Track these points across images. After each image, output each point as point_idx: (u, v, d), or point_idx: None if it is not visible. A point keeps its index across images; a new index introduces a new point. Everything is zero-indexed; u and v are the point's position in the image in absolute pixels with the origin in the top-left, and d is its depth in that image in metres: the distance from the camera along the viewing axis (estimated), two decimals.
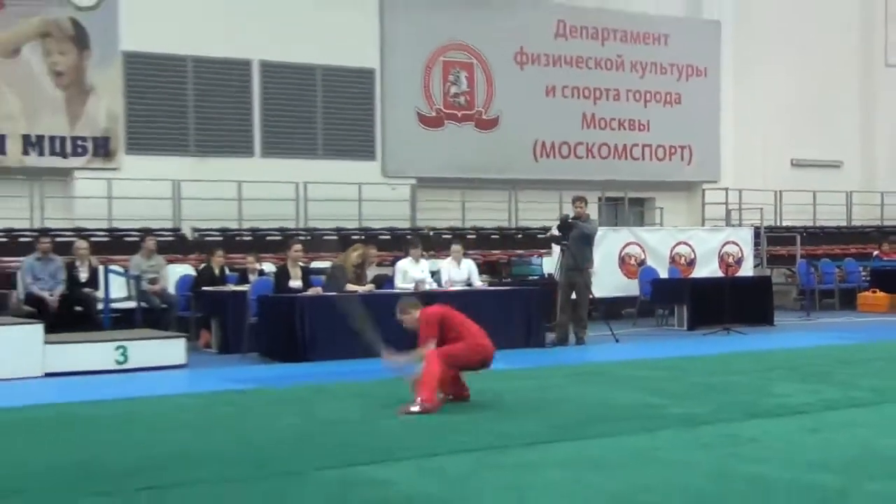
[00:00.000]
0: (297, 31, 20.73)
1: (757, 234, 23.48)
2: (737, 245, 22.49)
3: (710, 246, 22.27)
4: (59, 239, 17.08)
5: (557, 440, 8.95)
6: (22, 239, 17.37)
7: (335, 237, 19.89)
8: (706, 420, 9.75)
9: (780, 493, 7.04)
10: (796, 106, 26.76)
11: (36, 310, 15.40)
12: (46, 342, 13.45)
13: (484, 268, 19.03)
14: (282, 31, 20.62)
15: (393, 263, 17.46)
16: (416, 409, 9.94)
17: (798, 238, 24.40)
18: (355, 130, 21.59)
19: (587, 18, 24.02)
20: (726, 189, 25.37)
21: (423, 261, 17.27)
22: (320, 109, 21.26)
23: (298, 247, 16.94)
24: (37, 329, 13.62)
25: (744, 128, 25.98)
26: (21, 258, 16.26)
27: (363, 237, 19.25)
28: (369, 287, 16.15)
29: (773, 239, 24.20)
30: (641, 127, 24.73)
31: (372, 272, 16.61)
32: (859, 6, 28.33)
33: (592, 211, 19.15)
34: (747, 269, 22.41)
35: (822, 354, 15.49)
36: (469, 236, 20.70)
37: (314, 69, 21.14)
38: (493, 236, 21.96)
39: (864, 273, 24.35)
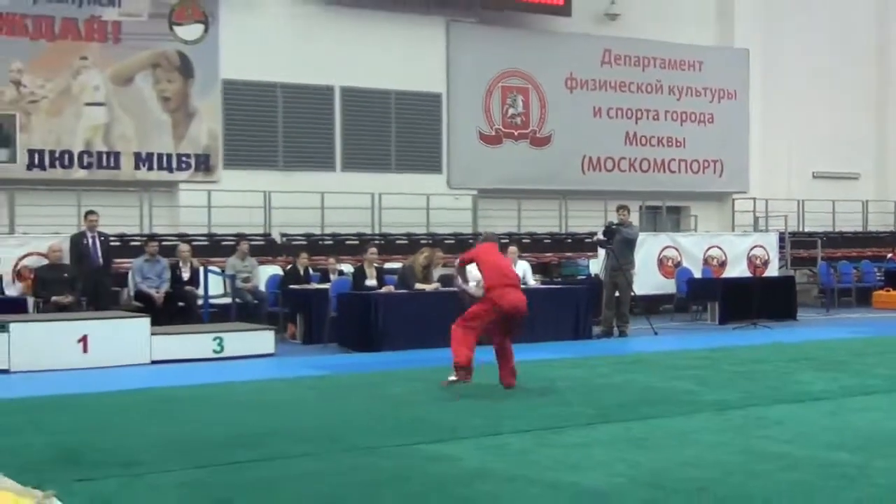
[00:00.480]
0: (373, 61, 20.81)
1: (782, 239, 23.27)
2: (763, 248, 22.32)
3: (739, 249, 22.13)
4: (164, 243, 17.27)
5: (605, 422, 8.93)
6: (133, 243, 17.52)
7: (406, 242, 19.94)
8: (736, 405, 9.68)
9: (802, 469, 6.98)
10: (817, 124, 26.50)
11: (144, 305, 15.58)
12: (153, 333, 13.65)
13: (537, 268, 18.99)
14: (360, 61, 20.71)
15: None
16: (452, 377, 10.43)
17: (819, 242, 24.14)
18: (424, 147, 21.62)
19: (630, 48, 23.90)
20: (754, 199, 25.15)
21: None
22: (393, 129, 21.30)
23: (374, 250, 17.04)
24: (144, 322, 13.81)
25: (770, 144, 25.75)
26: (132, 260, 16.45)
27: (430, 242, 19.23)
28: (435, 286, 16.17)
29: (796, 243, 23.96)
30: (678, 143, 24.58)
31: (438, 272, 16.60)
32: (876, 31, 28.01)
33: (634, 218, 19.04)
34: (773, 270, 22.22)
35: (840, 346, 15.34)
36: (524, 240, 20.64)
37: (388, 94, 21.20)
38: (545, 240, 21.89)
39: (878, 274, 24.07)
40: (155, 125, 18.94)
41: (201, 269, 16.51)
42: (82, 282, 15.65)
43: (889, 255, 25.04)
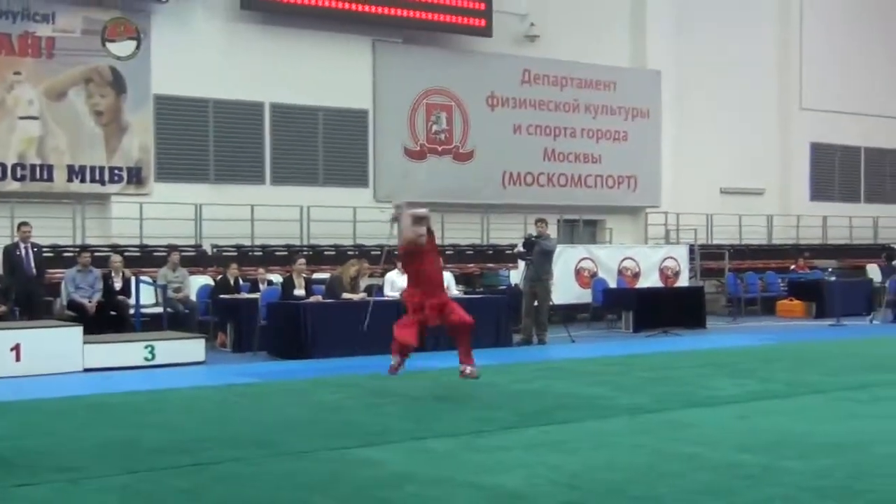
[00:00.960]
0: (302, 78, 20.75)
1: (692, 251, 23.55)
2: (675, 260, 22.57)
3: (652, 261, 22.35)
4: (97, 254, 17.08)
5: (525, 426, 9.00)
6: (65, 254, 17.32)
7: (333, 253, 19.92)
8: (649, 409, 9.80)
9: (711, 470, 7.10)
10: (725, 142, 26.90)
11: (76, 314, 15.38)
12: (85, 342, 13.51)
13: (460, 279, 19.05)
14: (289, 78, 20.64)
15: (383, 275, 17.45)
16: (472, 371, 10.78)
17: (726, 254, 24.46)
18: (351, 162, 21.59)
19: (548, 68, 24.08)
20: (666, 213, 25.43)
21: None
22: (321, 144, 21.25)
23: (302, 261, 17.04)
24: (77, 331, 13.68)
25: (680, 160, 26.06)
26: (65, 270, 16.24)
27: (357, 253, 19.23)
28: (362, 295, 16.17)
29: (705, 255, 24.27)
30: (594, 160, 24.79)
31: (364, 283, 16.61)
32: (777, 60, 28.51)
33: (552, 231, 19.17)
34: (683, 281, 22.48)
35: (746, 353, 15.57)
36: (448, 252, 20.68)
37: (317, 110, 21.15)
38: (467, 252, 21.98)
39: (782, 284, 24.47)
40: (88, 139, 18.71)
41: (133, 280, 16.37)
42: (15, 292, 15.47)
43: (792, 267, 25.46)
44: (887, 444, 8.10)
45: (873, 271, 25.35)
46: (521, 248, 18.38)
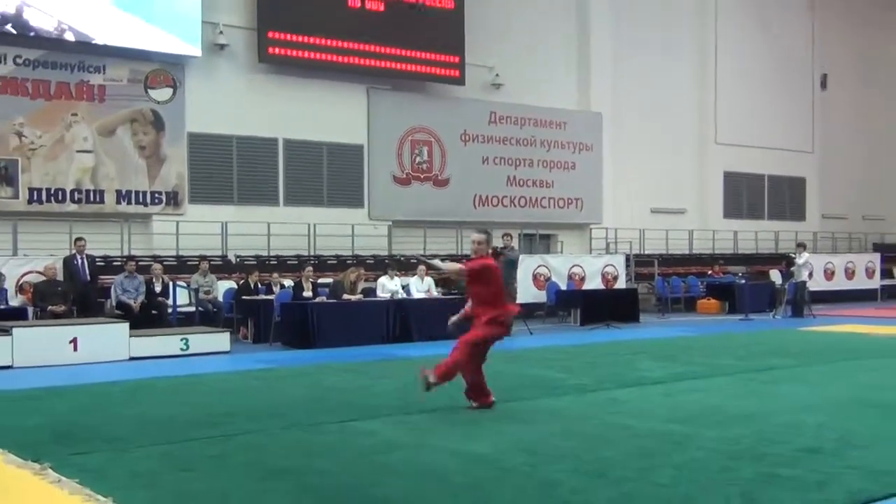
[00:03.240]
0: (309, 118, 20.78)
1: (627, 259, 23.66)
2: (614, 267, 22.69)
3: (595, 267, 22.46)
4: (140, 263, 17.02)
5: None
6: (115, 263, 17.28)
7: (335, 262, 19.91)
8: (594, 388, 9.84)
9: (644, 437, 7.13)
10: (654, 170, 27.05)
11: (124, 313, 15.32)
12: (131, 335, 13.51)
13: (439, 283, 19.03)
14: (299, 118, 20.66)
15: (376, 280, 17.46)
16: (432, 378, 8.27)
17: (656, 262, 24.57)
18: (349, 187, 21.59)
19: (510, 111, 24.16)
20: (606, 228, 25.55)
21: (396, 278, 17.31)
22: (325, 172, 21.25)
23: (310, 268, 17.07)
24: (124, 326, 13.67)
25: (618, 185, 26.19)
26: (114, 277, 16.19)
27: (355, 262, 19.23)
28: (359, 297, 16.19)
29: (639, 262, 24.37)
30: (548, 185, 24.86)
31: (361, 286, 16.60)
32: (696, 103, 28.68)
33: (515, 243, 19.21)
34: (621, 283, 22.60)
35: (671, 342, 15.66)
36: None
37: (321, 145, 21.15)
38: (445, 260, 21.92)
39: (701, 286, 24.57)
40: (133, 168, 18.67)
41: (171, 284, 16.36)
42: (73, 294, 15.44)
43: (709, 272, 25.58)
44: (784, 414, 8.16)
45: (775, 275, 25.52)
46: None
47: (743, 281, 24.00)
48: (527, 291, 20.27)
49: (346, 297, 15.96)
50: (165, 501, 5.36)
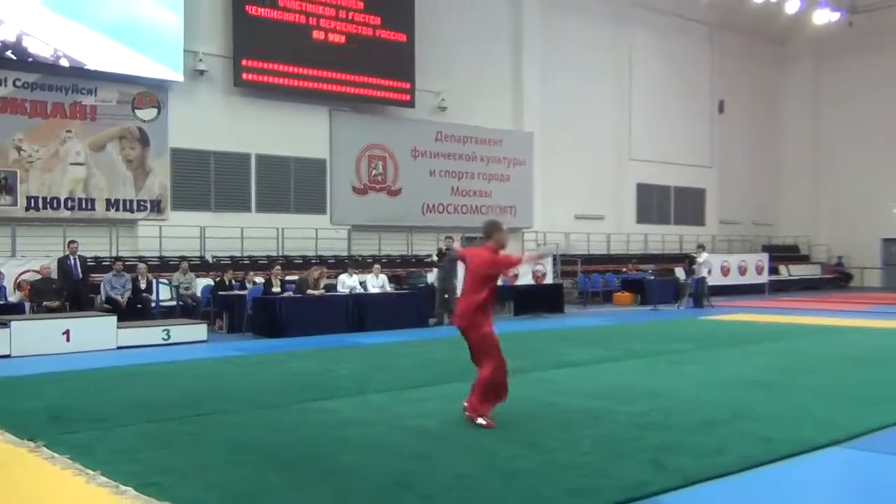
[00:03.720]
0: (278, 136, 20.56)
1: (554, 259, 23.80)
2: (543, 265, 22.76)
3: (527, 266, 22.52)
4: (127, 263, 16.69)
5: (438, 383, 9.03)
6: (104, 263, 16.95)
7: (301, 262, 19.71)
8: (526, 370, 9.88)
9: (569, 412, 7.19)
10: (577, 182, 27.25)
11: (112, 307, 15.04)
12: (118, 327, 13.28)
13: (392, 279, 19.01)
14: (269, 136, 20.43)
15: (337, 277, 17.37)
16: (483, 421, 6.62)
17: (579, 261, 24.77)
18: (313, 196, 21.41)
19: (455, 130, 24.16)
20: (536, 232, 25.68)
21: (355, 275, 17.26)
22: (292, 183, 21.05)
23: (278, 268, 16.94)
24: (112, 319, 13.44)
25: (547, 195, 26.34)
26: (103, 275, 15.89)
27: (318, 262, 19.10)
28: (321, 291, 16.11)
29: (564, 261, 24.52)
30: (486, 195, 24.90)
31: (323, 282, 16.52)
32: (613, 123, 28.93)
33: (457, 244, 19.21)
34: (549, 279, 22.70)
35: (592, 330, 15.81)
36: (383, 261, 20.65)
37: (289, 159, 20.95)
38: (397, 260, 21.94)
39: (617, 282, 24.83)
40: (121, 179, 18.32)
41: (154, 281, 16.08)
42: (66, 291, 15.11)
43: (624, 269, 25.87)
44: (686, 391, 8.29)
45: (679, 272, 25.85)
46: (435, 258, 18.44)
47: (652, 277, 24.31)
48: None
49: (309, 292, 15.86)
50: (147, 473, 5.27)
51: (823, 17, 29.71)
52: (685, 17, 30.58)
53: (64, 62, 17.42)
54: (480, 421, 6.63)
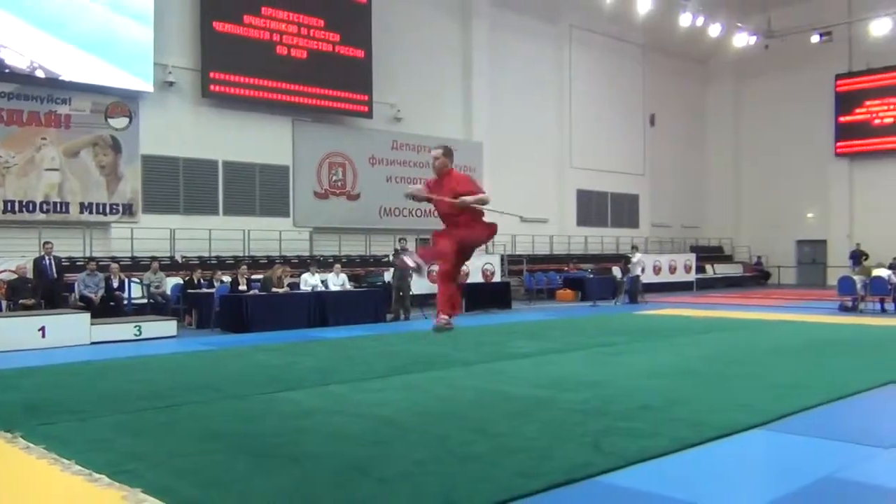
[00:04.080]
0: (244, 143, 20.32)
1: (502, 259, 23.89)
2: (492, 265, 22.84)
3: (476, 265, 22.53)
4: (100, 263, 16.31)
5: (395, 374, 8.98)
6: (78, 263, 16.56)
7: (266, 262, 19.48)
8: (475, 361, 9.89)
9: (516, 400, 7.18)
10: (523, 188, 27.34)
11: (85, 305, 14.69)
12: (92, 324, 13.00)
13: (351, 277, 18.89)
14: (236, 144, 20.17)
15: (300, 276, 17.21)
16: (443, 322, 6.71)
17: (524, 260, 24.90)
18: (278, 200, 21.18)
19: (409, 139, 24.09)
20: None
21: (317, 274, 17.12)
22: (258, 188, 20.79)
23: (244, 267, 16.72)
24: (86, 316, 13.14)
25: (495, 200, 26.29)
26: (77, 274, 15.52)
27: (282, 261, 18.90)
28: (286, 289, 15.94)
29: (511, 261, 24.65)
30: None
31: (287, 280, 16.36)
32: (555, 133, 29.14)
33: (411, 245, 19.16)
34: (497, 278, 22.77)
35: (537, 324, 15.88)
36: (343, 261, 20.51)
37: (254, 165, 20.69)
38: (356, 260, 21.82)
39: (560, 280, 25.01)
40: (94, 184, 17.90)
41: (126, 280, 15.78)
42: (41, 290, 14.73)
43: (566, 268, 26.07)
44: (624, 379, 8.36)
45: (616, 271, 26.11)
46: (391, 258, 18.37)
47: (591, 275, 24.56)
48: (423, 284, 20.20)
49: (274, 289, 15.69)
50: (119, 462, 5.14)
51: (742, 40, 30.40)
52: (620, 39, 30.94)
53: (40, 73, 16.99)
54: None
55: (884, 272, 18.57)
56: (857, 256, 25.97)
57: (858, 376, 8.48)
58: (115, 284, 15.54)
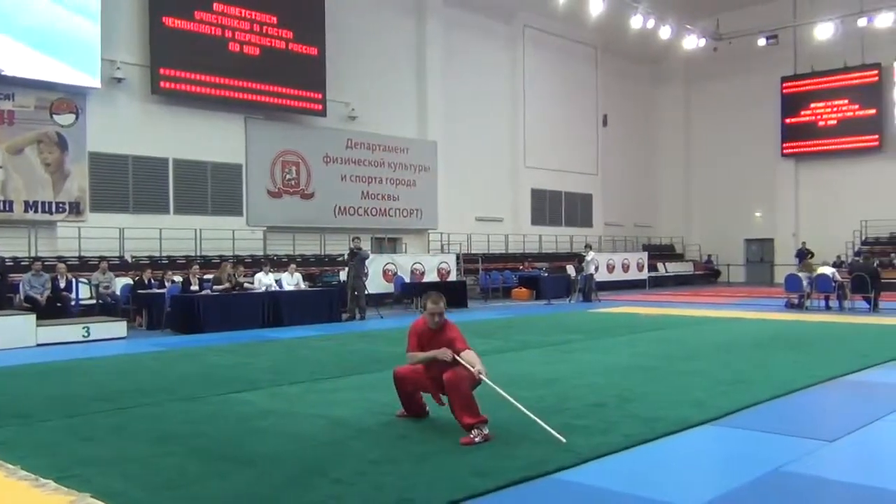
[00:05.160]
0: (196, 141, 20.05)
1: (458, 258, 23.95)
2: (447, 263, 22.91)
3: (432, 264, 22.60)
4: (46, 263, 15.95)
5: (349, 374, 8.93)
6: (23, 263, 16.18)
7: (218, 261, 19.23)
8: None
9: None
10: (478, 187, 27.51)
11: (31, 306, 14.30)
12: (38, 325, 12.68)
13: (306, 277, 18.75)
14: (187, 141, 19.90)
15: (254, 275, 17.01)
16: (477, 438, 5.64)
17: (479, 259, 25.00)
18: (230, 198, 20.93)
19: (364, 138, 24.04)
20: (441, 233, 25.81)
21: (271, 273, 16.94)
22: (210, 186, 20.51)
23: (196, 267, 16.46)
24: (31, 317, 12.82)
25: (451, 199, 26.47)
26: (22, 275, 15.11)
27: (235, 261, 18.67)
28: (245, 283, 15.77)
29: (467, 260, 24.74)
30: (394, 198, 24.88)
31: (239, 276, 16.20)
32: (509, 134, 29.34)
33: (366, 244, 19.14)
34: (453, 277, 22.84)
35: (493, 322, 15.94)
36: (298, 260, 20.36)
37: (206, 163, 20.41)
38: (311, 259, 21.69)
39: (515, 278, 25.15)
40: (39, 182, 17.47)
41: (73, 281, 15.43)
42: None
43: (521, 267, 26.22)
44: (578, 377, 8.44)
45: (570, 270, 26.40)
46: (346, 257, 18.27)
47: (546, 274, 24.75)
48: (378, 283, 20.21)
49: (225, 286, 15.54)
50: (68, 466, 5.02)
51: (692, 42, 30.97)
52: (573, 40, 31.26)
53: None
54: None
55: (828, 270, 19.06)
56: (803, 255, 26.62)
57: (804, 372, 8.70)
58: (62, 285, 15.18)
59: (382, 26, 24.87)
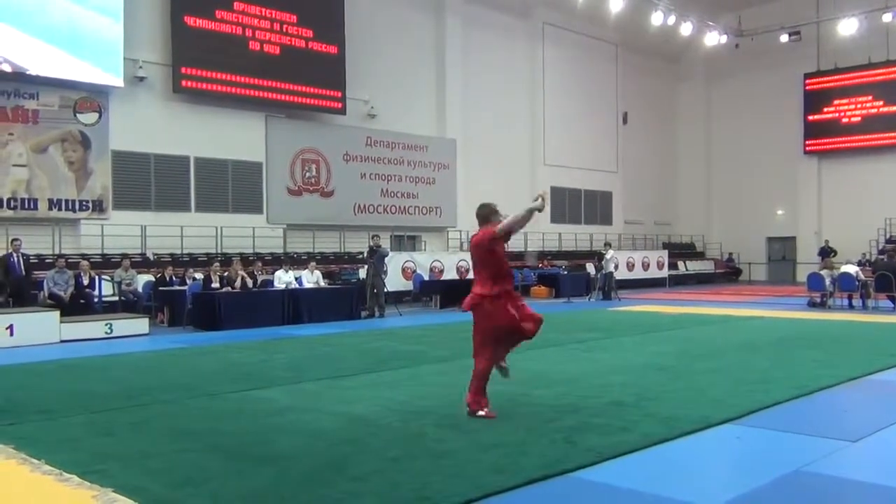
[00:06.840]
0: (217, 140, 20.18)
1: None
2: (466, 261, 22.86)
3: (451, 262, 22.61)
4: (70, 260, 16.11)
5: (369, 372, 8.95)
6: (47, 261, 16.37)
7: (239, 258, 19.34)
8: (450, 359, 9.88)
9: (492, 397, 7.13)
10: (496, 184, 27.37)
11: (55, 303, 14.48)
12: (61, 322, 12.84)
13: (326, 274, 18.82)
14: (208, 140, 20.03)
15: (274, 273, 17.10)
16: (481, 413, 6.28)
17: None
18: (251, 196, 21.05)
19: (383, 136, 24.08)
20: (460, 230, 25.80)
21: (290, 271, 17.03)
22: (230, 184, 20.65)
23: (217, 264, 16.59)
24: (55, 314, 12.97)
25: (469, 195, 26.36)
26: (46, 272, 15.30)
27: (255, 258, 18.81)
28: (258, 281, 15.84)
29: None
30: (413, 196, 24.92)
31: (261, 277, 16.27)
32: (530, 132, 29.27)
33: (385, 242, 19.18)
34: (471, 274, 22.76)
35: None
36: (317, 258, 20.41)
37: (227, 161, 20.54)
38: (331, 257, 21.76)
39: (534, 276, 25.07)
40: (63, 180, 17.67)
41: (97, 278, 15.60)
42: (9, 287, 14.53)
43: (540, 265, 26.12)
44: (597, 376, 8.40)
45: (590, 268, 26.28)
46: (366, 255, 18.32)
47: (565, 272, 24.66)
48: (397, 281, 20.24)
49: (235, 286, 15.63)
50: (90, 461, 5.07)
51: (713, 39, 30.73)
52: (593, 37, 31.09)
53: (6, 67, 16.72)
54: (480, 413, 6.28)
55: (851, 269, 18.85)
56: (826, 253, 26.35)
57: (826, 372, 8.61)
58: (86, 282, 15.35)
59: (401, 24, 24.89)
